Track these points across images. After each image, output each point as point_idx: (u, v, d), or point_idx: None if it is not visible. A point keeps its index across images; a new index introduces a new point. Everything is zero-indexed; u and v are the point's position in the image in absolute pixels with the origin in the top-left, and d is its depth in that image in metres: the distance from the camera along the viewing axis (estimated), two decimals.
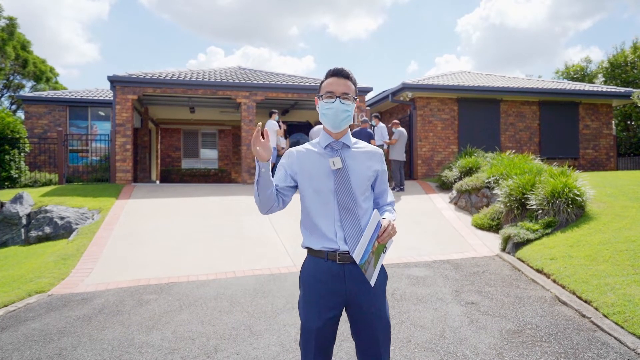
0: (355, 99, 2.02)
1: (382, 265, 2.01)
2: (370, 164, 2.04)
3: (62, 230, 7.88)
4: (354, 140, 2.07)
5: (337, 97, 1.96)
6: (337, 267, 1.93)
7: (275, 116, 11.40)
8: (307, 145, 2.08)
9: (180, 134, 19.60)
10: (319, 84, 2.07)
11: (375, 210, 1.92)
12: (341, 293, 1.93)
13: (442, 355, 3.25)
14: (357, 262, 1.83)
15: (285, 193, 2.02)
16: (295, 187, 2.04)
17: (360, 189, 1.97)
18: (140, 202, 9.15)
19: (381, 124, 11.51)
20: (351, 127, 13.48)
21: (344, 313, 2.02)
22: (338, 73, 2.01)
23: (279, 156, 11.72)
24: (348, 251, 1.90)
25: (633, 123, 24.03)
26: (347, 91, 1.98)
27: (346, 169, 1.96)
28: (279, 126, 11.35)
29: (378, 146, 11.15)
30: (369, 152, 2.07)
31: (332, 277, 1.93)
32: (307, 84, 13.24)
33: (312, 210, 1.97)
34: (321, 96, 2.01)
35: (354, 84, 2.04)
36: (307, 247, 2.02)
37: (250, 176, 12.56)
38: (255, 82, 12.79)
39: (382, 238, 1.87)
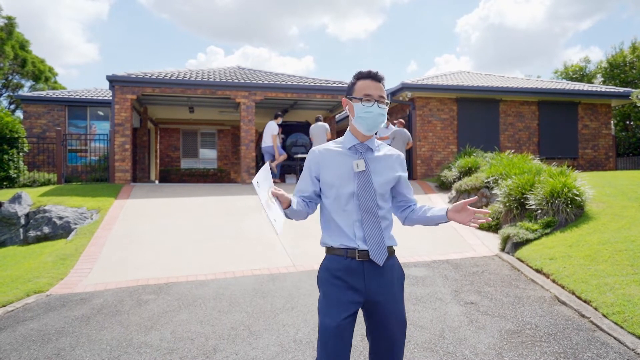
0: (388, 103, 2.03)
1: (399, 263, 2.08)
2: (392, 168, 2.06)
3: (61, 230, 7.86)
4: (377, 143, 2.09)
5: (375, 101, 1.96)
6: (356, 263, 1.93)
7: (280, 120, 11.41)
8: (330, 144, 2.08)
9: (180, 134, 19.58)
10: (344, 85, 2.07)
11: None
12: (360, 290, 1.92)
13: (442, 355, 3.25)
14: (379, 263, 1.91)
15: (313, 197, 2.05)
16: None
17: (381, 192, 2.00)
18: (139, 202, 9.14)
19: (391, 126, 11.46)
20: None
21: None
22: (374, 76, 1.99)
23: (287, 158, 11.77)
24: (367, 250, 1.92)
25: (632, 123, 24.05)
26: (383, 94, 1.99)
27: (369, 172, 1.97)
28: (277, 132, 11.38)
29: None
30: (392, 157, 2.09)
31: (351, 273, 1.92)
32: (306, 84, 13.23)
33: (332, 209, 1.99)
34: (356, 98, 1.98)
35: (384, 87, 2.04)
36: (325, 245, 2.02)
37: (250, 176, 12.55)
38: (254, 82, 12.78)
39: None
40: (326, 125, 11.13)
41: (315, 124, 11.14)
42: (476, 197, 1.98)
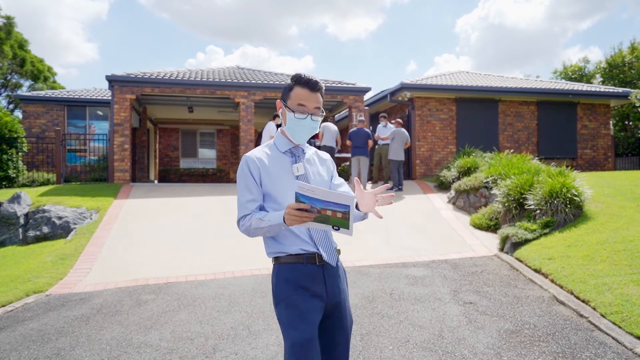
0: (322, 112, 1.96)
1: (341, 263, 2.02)
2: (325, 167, 2.05)
3: (60, 230, 7.86)
4: (306, 145, 2.05)
5: (309, 114, 1.89)
6: (316, 268, 1.86)
7: (278, 120, 11.39)
8: (263, 148, 1.98)
9: (179, 134, 19.58)
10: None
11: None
12: (322, 295, 1.86)
13: (441, 355, 3.26)
14: (329, 260, 1.86)
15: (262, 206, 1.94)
16: None
17: None
18: (139, 202, 9.14)
19: (390, 125, 11.48)
20: (349, 126, 13.50)
21: None
22: (312, 86, 1.90)
23: None
24: (322, 253, 1.87)
25: (631, 123, 24.08)
26: (319, 106, 1.92)
27: (307, 175, 1.94)
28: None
29: (385, 144, 11.12)
30: (321, 157, 2.07)
31: (314, 279, 1.85)
32: None
33: None
34: (289, 107, 1.90)
35: (323, 95, 1.96)
36: (278, 254, 1.89)
37: None
38: (253, 81, 12.78)
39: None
40: (335, 128, 11.07)
41: (326, 124, 11.10)
42: (387, 185, 1.87)
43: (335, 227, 1.67)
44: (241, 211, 1.87)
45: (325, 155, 2.11)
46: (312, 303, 1.83)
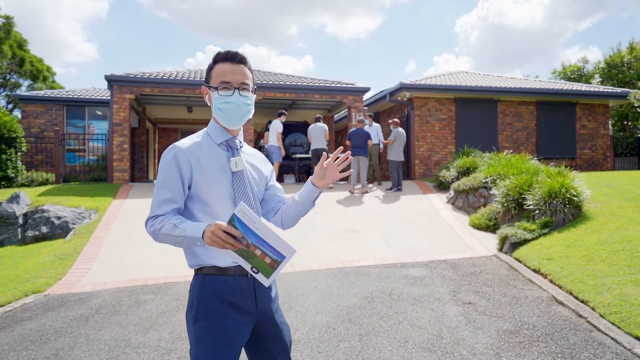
0: (254, 90, 1.73)
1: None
2: (263, 165, 1.85)
3: (59, 230, 7.85)
4: (242, 138, 1.81)
5: (235, 88, 1.65)
6: (246, 282, 1.64)
7: (283, 118, 11.38)
8: (194, 138, 1.69)
9: (178, 134, 19.58)
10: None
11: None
12: (253, 312, 1.66)
13: (440, 356, 3.26)
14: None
15: (182, 207, 1.66)
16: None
17: (258, 193, 1.77)
18: (138, 202, 9.13)
19: (375, 124, 11.58)
20: (348, 127, 13.50)
21: None
22: (232, 57, 1.66)
23: (283, 158, 11.72)
24: None
25: (630, 123, 24.10)
26: (246, 80, 1.67)
27: (246, 172, 1.71)
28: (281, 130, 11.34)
29: (375, 145, 11.25)
30: (257, 154, 1.86)
31: (243, 295, 1.63)
32: (304, 83, 13.24)
33: (206, 218, 1.62)
34: (213, 87, 1.67)
35: (251, 71, 1.72)
36: (203, 265, 1.63)
37: None
38: None
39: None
40: (325, 126, 11.13)
41: (314, 125, 11.14)
42: (341, 148, 1.74)
43: (254, 270, 1.47)
44: (153, 210, 1.59)
45: (257, 152, 1.89)
46: (240, 322, 1.62)
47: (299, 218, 1.78)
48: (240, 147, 1.75)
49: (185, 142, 1.65)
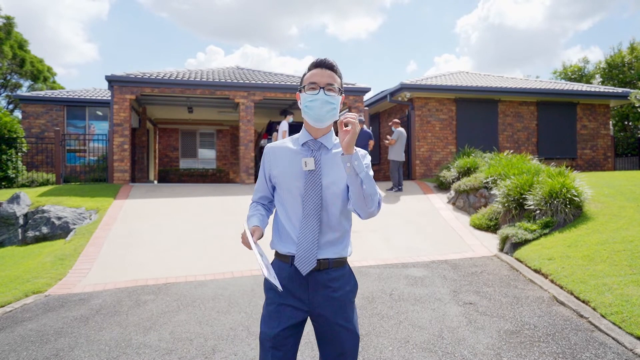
0: (341, 92, 1.84)
1: (351, 276, 1.90)
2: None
3: (60, 231, 7.85)
4: (335, 140, 1.88)
5: (320, 88, 1.78)
6: (297, 271, 1.80)
7: (290, 118, 11.36)
8: (286, 141, 1.92)
9: (178, 134, 19.57)
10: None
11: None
12: (304, 301, 1.80)
13: (440, 356, 3.25)
14: (303, 270, 1.76)
15: (271, 198, 1.98)
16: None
17: (332, 194, 1.80)
18: (138, 202, 9.13)
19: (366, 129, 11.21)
20: None
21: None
22: (321, 64, 1.83)
23: None
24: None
25: (630, 123, 24.09)
26: (332, 82, 1.80)
27: (319, 172, 1.79)
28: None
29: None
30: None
31: (296, 283, 1.79)
32: None
33: (282, 211, 1.87)
34: (303, 88, 1.83)
35: (340, 76, 1.86)
36: (274, 249, 1.89)
37: (249, 176, 12.54)
38: (253, 82, 12.78)
39: None
40: None
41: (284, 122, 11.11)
42: (348, 111, 1.78)
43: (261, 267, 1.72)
44: (253, 196, 2.02)
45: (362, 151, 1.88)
46: (288, 304, 1.79)
47: (361, 200, 1.71)
48: (322, 148, 1.84)
49: (274, 143, 1.94)
